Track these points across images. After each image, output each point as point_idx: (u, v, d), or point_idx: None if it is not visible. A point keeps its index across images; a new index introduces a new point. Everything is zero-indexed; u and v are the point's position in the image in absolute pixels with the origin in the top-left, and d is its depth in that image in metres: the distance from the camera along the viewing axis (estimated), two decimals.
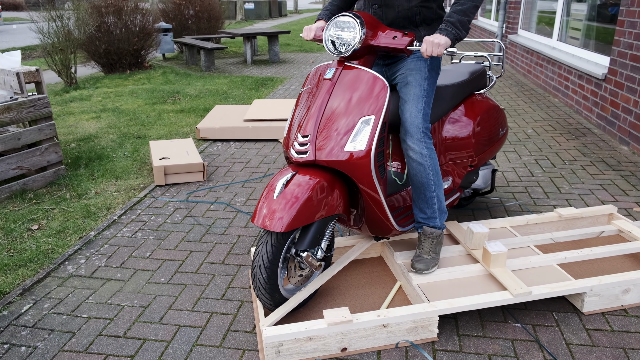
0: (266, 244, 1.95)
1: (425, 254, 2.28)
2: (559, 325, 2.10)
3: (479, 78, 2.81)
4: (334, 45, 2.09)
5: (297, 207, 1.88)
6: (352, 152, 1.98)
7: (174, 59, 10.35)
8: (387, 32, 2.10)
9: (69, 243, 2.88)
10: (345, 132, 1.99)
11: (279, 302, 2.06)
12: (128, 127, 5.15)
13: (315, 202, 1.93)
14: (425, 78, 2.25)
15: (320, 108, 2.04)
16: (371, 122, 2.00)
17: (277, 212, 1.87)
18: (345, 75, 2.07)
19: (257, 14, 25.10)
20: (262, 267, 1.95)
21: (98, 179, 3.79)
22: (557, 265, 2.33)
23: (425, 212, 2.30)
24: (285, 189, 1.94)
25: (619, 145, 4.30)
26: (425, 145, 2.18)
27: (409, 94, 2.21)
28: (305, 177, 1.98)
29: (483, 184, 2.91)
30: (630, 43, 4.21)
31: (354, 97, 2.03)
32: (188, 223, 3.09)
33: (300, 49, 11.67)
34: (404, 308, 1.99)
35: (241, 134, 4.70)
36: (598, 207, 2.79)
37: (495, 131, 2.79)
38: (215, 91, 6.97)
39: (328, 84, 2.07)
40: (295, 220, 1.87)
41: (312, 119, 2.03)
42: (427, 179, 2.21)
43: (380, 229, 2.24)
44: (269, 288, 1.99)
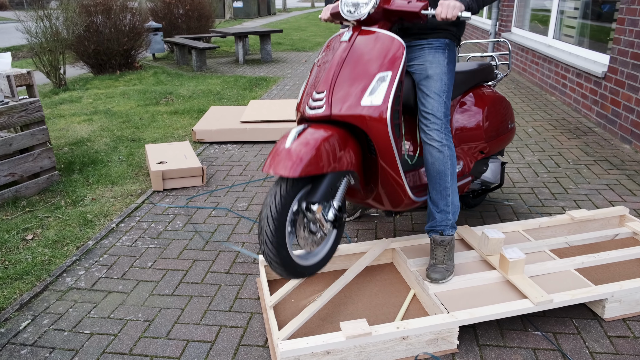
0: (275, 195, 1.85)
1: (440, 263, 2.22)
2: (580, 332, 2.05)
3: (486, 71, 2.81)
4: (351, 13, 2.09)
5: (310, 155, 1.84)
6: (368, 106, 1.98)
7: (164, 59, 10.19)
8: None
9: (66, 253, 2.77)
10: (362, 87, 2.00)
11: (285, 261, 1.91)
12: (121, 130, 5.02)
13: (328, 153, 1.91)
14: (446, 72, 2.24)
15: (337, 66, 2.05)
16: (388, 79, 2.02)
17: (289, 159, 1.82)
18: (362, 38, 2.09)
19: (246, 12, 24.92)
20: (269, 219, 1.83)
21: (93, 185, 3.67)
22: (575, 271, 2.27)
23: (438, 205, 2.25)
24: (298, 138, 1.90)
25: (620, 143, 4.27)
26: (445, 136, 2.20)
27: (431, 88, 2.21)
28: (317, 129, 1.96)
29: (492, 177, 2.86)
30: (632, 41, 4.19)
31: (371, 56, 2.04)
32: (189, 230, 3.00)
33: (292, 48, 11.57)
34: (423, 319, 1.92)
35: (239, 136, 4.60)
36: (610, 209, 2.75)
37: (504, 122, 2.78)
38: (209, 92, 6.85)
39: (345, 45, 2.09)
40: (307, 167, 1.82)
41: (328, 76, 2.04)
42: (444, 167, 2.20)
43: (394, 196, 2.20)
44: (275, 242, 1.85)
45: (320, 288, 2.36)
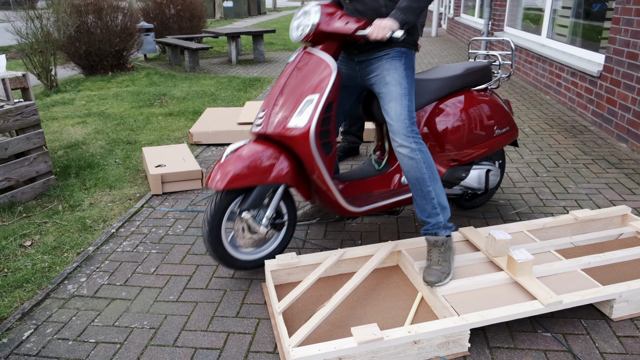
0: (211, 202, 2.25)
1: (435, 265, 2.20)
2: (589, 333, 2.05)
3: (476, 73, 2.75)
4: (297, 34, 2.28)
5: (236, 170, 2.15)
6: (294, 127, 2.19)
7: (156, 60, 10.11)
8: (342, 18, 2.21)
9: (66, 260, 2.72)
10: (292, 109, 2.20)
11: (222, 256, 2.35)
12: (116, 133, 4.97)
13: (257, 168, 2.19)
14: (404, 76, 2.27)
15: (279, 87, 2.27)
16: (314, 101, 2.19)
17: (221, 173, 2.16)
18: (303, 59, 2.28)
19: (236, 12, 24.82)
20: (205, 222, 2.25)
21: (91, 189, 3.62)
22: (582, 271, 2.28)
23: (425, 210, 2.26)
24: (232, 154, 2.23)
25: (617, 142, 4.30)
26: (413, 140, 2.21)
27: (391, 94, 2.24)
28: (251, 145, 2.25)
29: (477, 184, 2.83)
30: (627, 41, 4.21)
31: (305, 79, 2.23)
32: (191, 234, 2.96)
33: (285, 48, 11.54)
34: (434, 323, 1.91)
35: (236, 138, 4.57)
36: (612, 208, 2.76)
37: (487, 129, 2.72)
38: (203, 93, 6.80)
39: (290, 66, 2.31)
40: (232, 182, 2.14)
41: (271, 97, 2.28)
42: (420, 172, 2.21)
43: (332, 206, 2.41)
44: (211, 241, 2.28)
45: (327, 292, 2.35)
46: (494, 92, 2.87)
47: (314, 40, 2.24)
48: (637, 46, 4.07)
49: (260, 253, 2.51)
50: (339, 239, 2.85)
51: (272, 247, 2.53)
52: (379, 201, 2.54)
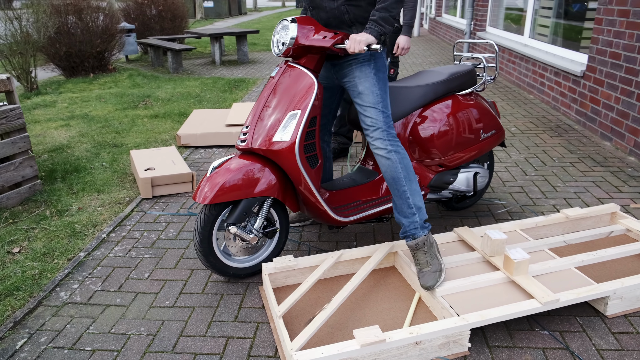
0: (201, 213, 2.29)
1: (425, 267, 2.21)
2: (585, 330, 2.09)
3: (459, 78, 2.76)
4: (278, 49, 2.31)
5: (221, 184, 2.19)
6: (278, 142, 2.23)
7: (138, 61, 9.98)
8: (321, 32, 2.26)
9: (57, 266, 2.67)
10: (275, 124, 2.24)
11: (214, 265, 2.37)
12: (101, 135, 4.89)
13: (241, 182, 2.23)
14: (375, 83, 2.30)
15: (262, 103, 2.31)
16: (297, 116, 2.24)
17: (207, 188, 2.20)
18: (285, 73, 2.31)
19: (217, 12, 24.65)
20: (196, 233, 2.30)
21: (78, 194, 3.56)
22: (576, 269, 2.32)
23: (402, 210, 2.30)
24: (217, 169, 2.27)
25: (601, 141, 4.39)
26: (389, 143, 2.27)
27: (366, 102, 2.29)
28: (237, 160, 2.29)
29: (465, 187, 2.85)
30: (610, 41, 4.30)
31: (287, 93, 2.27)
32: (184, 238, 2.93)
33: (268, 49, 11.50)
34: (435, 324, 1.93)
35: (225, 140, 4.54)
36: (602, 207, 2.81)
37: (473, 133, 2.74)
38: (188, 94, 6.74)
39: (272, 81, 2.33)
40: (217, 196, 2.19)
41: (254, 113, 2.31)
42: (396, 172, 2.26)
43: (320, 216, 2.45)
44: (203, 251, 2.31)
45: (325, 294, 2.34)
46: (479, 95, 2.90)
47: (294, 54, 2.27)
48: (619, 46, 4.16)
49: (254, 260, 2.51)
50: (334, 241, 2.85)
51: (265, 254, 2.54)
52: (367, 210, 2.56)
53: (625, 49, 4.07)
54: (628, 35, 4.03)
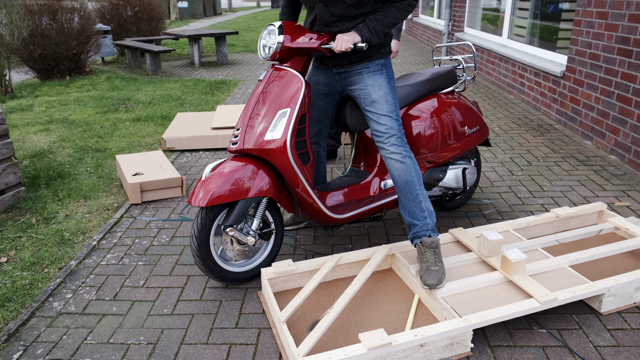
0: (197, 217, 2.29)
1: (433, 266, 2.24)
2: (582, 327, 2.14)
3: (442, 77, 2.86)
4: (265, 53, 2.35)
5: (217, 187, 2.20)
6: (270, 140, 2.26)
7: (115, 63, 9.81)
8: (306, 34, 2.31)
9: (48, 276, 2.61)
10: (266, 123, 2.27)
11: (212, 269, 2.35)
12: (83, 140, 4.79)
13: (237, 184, 2.24)
14: (389, 92, 2.37)
15: (251, 106, 2.33)
16: (287, 114, 2.27)
17: (202, 191, 2.21)
18: (272, 76, 2.35)
19: (192, 12, 24.39)
20: (193, 237, 2.29)
21: (64, 200, 3.48)
22: (569, 267, 2.37)
23: (414, 212, 2.34)
24: (212, 172, 2.27)
25: (582, 140, 4.50)
26: (404, 148, 2.33)
27: (380, 111, 2.33)
28: (231, 162, 2.30)
29: (455, 183, 2.92)
30: (589, 42, 4.41)
31: (276, 93, 2.31)
32: (178, 244, 2.89)
33: (247, 50, 11.43)
34: (438, 325, 1.95)
35: (211, 143, 4.50)
36: (590, 205, 2.88)
37: (459, 129, 2.82)
38: (169, 97, 6.65)
39: (260, 84, 2.36)
40: (213, 198, 2.18)
41: (245, 115, 2.33)
42: (410, 176, 2.31)
43: (315, 215, 2.47)
44: (201, 255, 2.30)
45: (325, 298, 2.35)
46: (460, 94, 2.97)
47: (281, 57, 2.32)
48: (598, 47, 4.27)
49: (252, 264, 2.50)
50: (329, 244, 2.86)
51: (262, 257, 2.53)
52: (360, 207, 2.59)
53: (605, 50, 4.18)
54: (607, 37, 4.14)
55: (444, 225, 3.03)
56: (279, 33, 2.25)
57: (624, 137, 3.92)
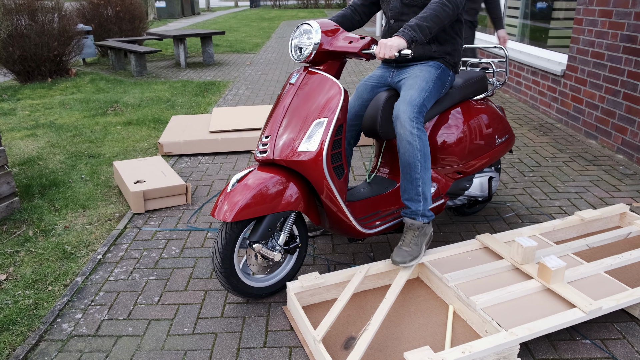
0: (221, 232, 2.13)
1: (405, 246, 2.26)
2: (625, 336, 2.07)
3: (475, 84, 2.74)
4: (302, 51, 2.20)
5: (245, 200, 2.03)
6: (305, 152, 2.10)
7: (97, 64, 9.51)
8: (345, 37, 2.18)
9: (53, 294, 2.43)
10: (300, 133, 2.11)
11: (235, 286, 2.21)
12: (74, 145, 4.57)
13: (265, 197, 2.08)
14: (433, 79, 2.37)
15: (282, 111, 2.16)
16: (324, 125, 2.11)
17: (228, 204, 2.04)
18: (306, 80, 2.19)
19: (170, 12, 23.97)
20: (216, 253, 2.13)
21: (62, 210, 3.29)
22: (605, 273, 2.30)
23: (408, 192, 2.32)
24: (238, 183, 2.10)
25: (586, 139, 4.48)
26: (415, 125, 2.24)
27: (415, 84, 2.31)
28: (259, 173, 2.14)
29: (480, 192, 2.85)
30: (592, 41, 4.39)
31: (310, 101, 2.14)
32: (189, 256, 2.74)
33: (232, 50, 11.23)
34: (485, 340, 1.85)
35: (210, 147, 4.33)
36: (611, 207, 2.83)
37: (489, 139, 2.73)
38: (158, 99, 6.45)
39: (292, 88, 2.19)
40: (240, 213, 2.02)
41: (274, 121, 2.16)
42: (414, 158, 2.25)
43: (344, 229, 2.33)
44: (224, 272, 2.15)
45: (355, 312, 2.23)
46: (489, 100, 2.87)
47: (315, 60, 2.18)
48: (602, 46, 4.25)
49: (274, 278, 2.37)
50: (350, 253, 2.74)
51: (285, 271, 2.39)
52: (391, 220, 2.47)
53: (609, 49, 4.16)
54: (611, 35, 4.12)
55: (464, 231, 2.95)
56: (316, 33, 2.12)
57: (632, 136, 3.90)
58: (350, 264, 2.64)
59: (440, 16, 2.16)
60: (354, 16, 2.57)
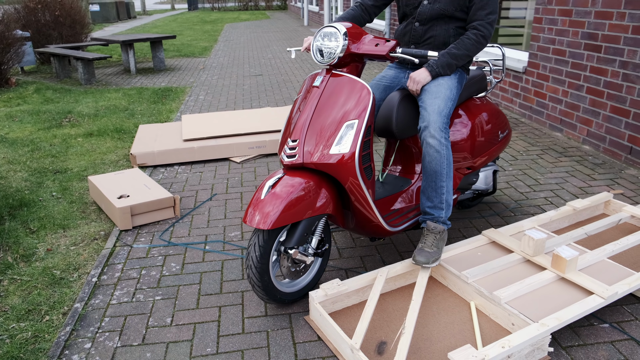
0: (255, 244, 2.07)
1: (427, 247, 2.30)
2: (637, 318, 2.18)
3: (477, 83, 2.83)
4: (322, 54, 2.20)
5: (282, 206, 2.00)
6: (337, 154, 2.09)
7: (37, 72, 8.95)
8: (371, 39, 2.20)
9: (52, 324, 2.25)
10: (331, 136, 2.10)
11: (274, 296, 2.19)
12: (35, 161, 4.27)
13: (301, 202, 2.05)
14: (455, 85, 2.44)
15: (309, 114, 2.15)
16: (355, 126, 2.11)
17: (264, 211, 2.00)
18: (332, 82, 2.18)
19: (105, 16, 23.00)
20: (252, 267, 2.08)
21: (39, 232, 3.06)
22: (609, 259, 2.42)
23: (432, 200, 2.36)
24: (272, 189, 2.06)
25: (551, 132, 4.70)
26: (444, 135, 2.30)
27: (439, 93, 2.35)
28: (292, 178, 2.10)
29: (485, 185, 2.97)
30: (553, 39, 4.61)
31: (339, 103, 2.13)
32: (193, 272, 2.63)
33: (180, 54, 10.92)
34: (521, 333, 1.89)
35: (187, 156, 4.18)
36: (597, 196, 2.98)
37: (493, 134, 2.83)
38: (114, 107, 6.15)
39: (317, 91, 2.18)
40: (280, 219, 1.99)
41: (302, 125, 2.15)
42: (441, 167, 2.30)
43: (371, 229, 2.34)
44: (262, 285, 2.11)
45: (379, 316, 2.21)
46: (486, 98, 2.96)
47: (339, 62, 2.18)
48: (563, 43, 4.47)
49: (300, 284, 2.34)
50: (357, 257, 2.72)
51: (310, 277, 2.37)
52: (412, 217, 2.49)
53: (570, 46, 4.38)
54: (572, 33, 4.34)
55: (463, 227, 3.00)
56: (343, 36, 2.12)
57: (597, 127, 4.13)
58: (360, 268, 2.62)
59: (471, 54, 2.34)
60: (363, 15, 2.59)
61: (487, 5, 2.33)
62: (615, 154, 3.95)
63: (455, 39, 2.43)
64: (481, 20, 2.33)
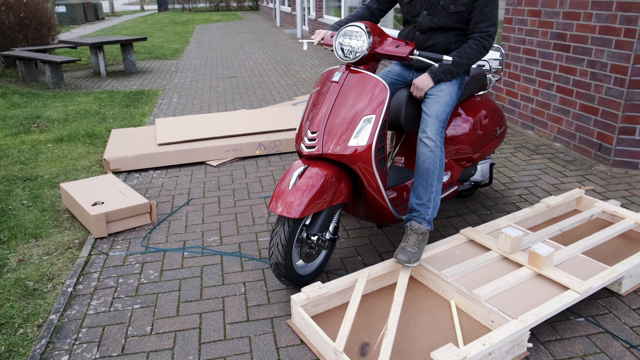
0: (283, 226, 2.22)
1: (410, 247, 2.36)
2: (611, 311, 2.24)
3: (478, 81, 2.97)
4: (343, 51, 2.32)
5: (310, 196, 2.15)
6: (355, 147, 2.23)
7: (2, 76, 8.68)
8: (392, 41, 2.33)
9: (27, 337, 2.19)
10: (349, 129, 2.24)
11: (292, 277, 2.33)
12: (3, 168, 4.15)
13: (325, 192, 2.20)
14: (456, 90, 2.54)
15: (328, 108, 2.29)
16: (372, 121, 2.25)
17: (293, 200, 2.14)
18: (351, 78, 2.31)
19: (72, 18, 22.48)
20: (279, 246, 2.22)
21: (10, 242, 2.97)
22: (583, 254, 2.48)
23: (420, 198, 2.44)
24: (299, 180, 2.19)
25: (523, 130, 4.79)
26: (439, 138, 2.44)
27: (440, 98, 2.48)
28: (316, 169, 2.24)
29: (482, 177, 3.13)
30: (523, 39, 4.71)
31: (358, 98, 2.27)
32: (171, 279, 2.59)
33: (152, 57, 10.75)
34: (501, 330, 1.92)
35: (161, 161, 4.12)
36: (570, 193, 3.06)
37: (492, 130, 2.99)
38: (85, 112, 6.02)
39: (336, 86, 2.32)
40: (308, 208, 2.14)
41: (321, 117, 2.28)
42: (433, 166, 2.40)
43: (381, 217, 2.49)
44: (285, 264, 2.25)
45: (361, 318, 2.22)
46: (486, 95, 3.08)
47: (360, 60, 2.31)
48: (533, 43, 4.57)
49: (312, 266, 2.50)
50: (337, 258, 2.73)
51: (318, 261, 2.53)
52: None
53: (540, 46, 4.48)
54: (542, 33, 4.44)
55: (441, 226, 3.04)
56: (368, 36, 2.25)
57: (567, 125, 4.23)
58: (341, 270, 2.63)
59: (471, 63, 2.46)
60: (371, 18, 2.74)
61: (486, 18, 2.42)
62: (585, 150, 4.06)
63: (456, 46, 2.53)
64: (481, 32, 2.44)
